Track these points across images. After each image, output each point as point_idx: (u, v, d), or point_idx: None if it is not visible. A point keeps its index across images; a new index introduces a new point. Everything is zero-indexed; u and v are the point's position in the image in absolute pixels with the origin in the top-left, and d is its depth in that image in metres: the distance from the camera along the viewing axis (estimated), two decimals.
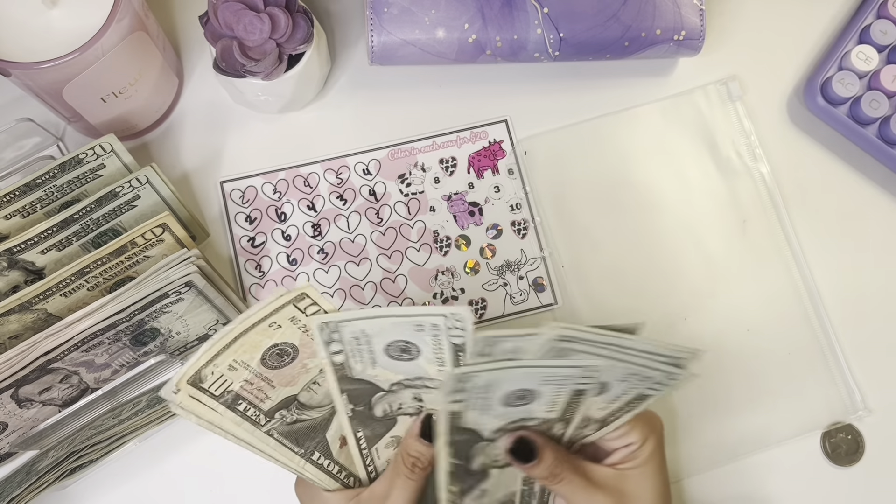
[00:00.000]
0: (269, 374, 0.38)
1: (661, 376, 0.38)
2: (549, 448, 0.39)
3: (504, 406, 0.38)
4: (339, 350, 0.37)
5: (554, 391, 0.38)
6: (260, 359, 0.37)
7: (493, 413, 0.38)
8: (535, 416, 0.40)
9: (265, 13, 0.47)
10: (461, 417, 0.37)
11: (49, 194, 0.46)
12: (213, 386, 0.36)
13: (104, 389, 0.47)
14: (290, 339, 0.37)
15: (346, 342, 0.37)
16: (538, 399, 0.38)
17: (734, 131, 0.57)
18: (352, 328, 0.36)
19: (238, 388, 0.37)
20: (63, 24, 0.45)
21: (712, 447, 0.51)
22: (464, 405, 0.37)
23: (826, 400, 0.52)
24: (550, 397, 0.38)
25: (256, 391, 0.38)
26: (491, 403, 0.37)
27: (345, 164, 0.55)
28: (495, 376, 0.36)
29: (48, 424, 0.46)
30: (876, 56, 0.56)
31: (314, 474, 0.41)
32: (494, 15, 0.52)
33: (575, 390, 0.38)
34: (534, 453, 0.39)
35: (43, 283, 0.43)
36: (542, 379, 0.37)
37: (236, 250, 0.54)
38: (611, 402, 0.40)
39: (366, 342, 0.37)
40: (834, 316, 0.54)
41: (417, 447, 0.40)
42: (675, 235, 0.55)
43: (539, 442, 0.39)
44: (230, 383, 0.36)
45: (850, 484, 0.52)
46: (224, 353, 0.36)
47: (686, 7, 0.53)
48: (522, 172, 0.56)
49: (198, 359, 0.35)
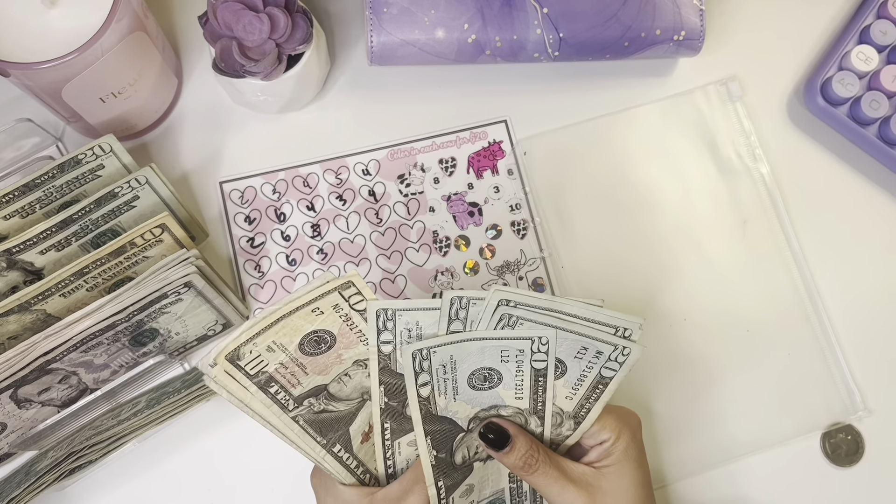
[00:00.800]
0: (305, 361, 0.38)
1: (612, 351, 0.39)
2: (523, 437, 0.41)
3: (471, 389, 0.39)
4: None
5: (514, 371, 0.39)
6: (298, 344, 0.37)
7: (462, 397, 0.39)
8: (506, 404, 0.41)
9: (264, 13, 0.47)
10: (431, 403, 0.38)
11: (48, 195, 0.46)
12: (249, 364, 0.36)
13: (103, 390, 0.47)
14: (330, 327, 0.38)
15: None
16: (503, 381, 0.39)
17: (734, 131, 0.57)
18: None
19: (273, 370, 0.37)
20: (62, 25, 0.45)
21: (712, 447, 0.51)
22: (430, 388, 0.38)
23: (826, 400, 0.52)
24: (513, 379, 0.40)
25: (289, 375, 0.38)
26: (457, 385, 0.39)
27: (344, 164, 0.55)
28: (452, 351, 0.37)
29: (47, 425, 0.46)
30: (876, 56, 0.56)
31: (332, 466, 0.41)
32: (494, 15, 0.52)
33: (535, 370, 0.39)
34: (507, 441, 0.40)
35: (42, 284, 0.43)
36: (498, 354, 0.38)
37: (235, 251, 0.54)
38: (575, 388, 0.41)
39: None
40: (834, 316, 0.54)
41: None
42: (674, 236, 0.55)
43: (512, 430, 0.41)
44: (266, 364, 0.37)
45: (850, 484, 0.52)
46: (265, 333, 0.36)
47: (686, 7, 0.53)
48: (522, 173, 0.56)
49: (239, 335, 0.36)
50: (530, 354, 0.39)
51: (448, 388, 0.39)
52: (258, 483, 0.50)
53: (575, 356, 0.39)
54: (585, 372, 0.40)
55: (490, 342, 0.38)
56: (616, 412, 0.43)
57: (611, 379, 0.40)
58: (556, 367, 0.40)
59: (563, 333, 0.38)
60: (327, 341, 0.38)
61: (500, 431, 0.40)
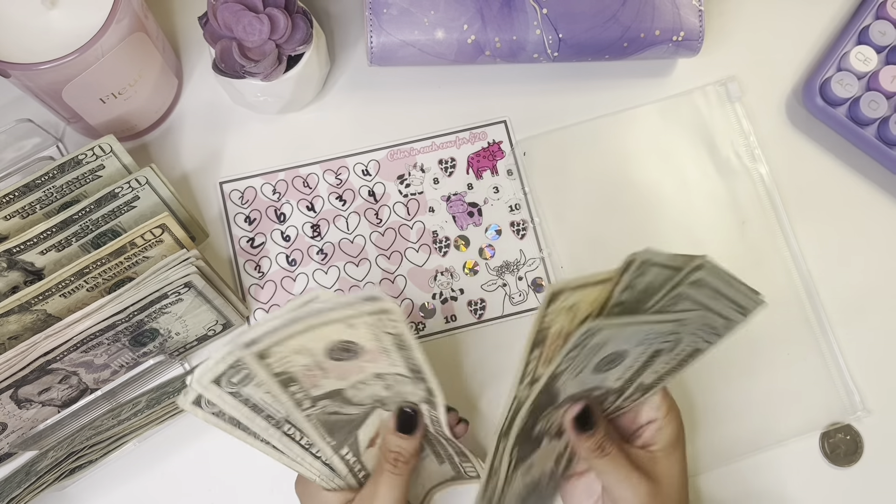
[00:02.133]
0: (328, 365, 0.38)
1: (723, 324, 0.39)
2: (603, 421, 0.41)
3: (593, 373, 0.39)
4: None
5: (641, 352, 0.39)
6: (326, 349, 0.37)
7: (581, 379, 0.39)
8: (604, 386, 0.41)
9: (264, 14, 0.47)
10: (556, 380, 0.38)
11: (48, 195, 0.46)
12: (275, 362, 0.36)
13: (103, 390, 0.47)
14: (361, 340, 0.37)
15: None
16: (623, 363, 0.39)
17: (733, 132, 0.57)
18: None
19: (296, 370, 0.37)
20: (63, 25, 0.45)
21: (711, 448, 0.51)
22: (569, 365, 0.37)
23: (825, 400, 0.52)
24: (632, 362, 0.39)
25: (311, 377, 0.38)
26: (587, 366, 0.38)
27: (344, 164, 0.56)
28: (613, 333, 0.36)
29: (47, 425, 0.46)
30: (875, 57, 0.56)
31: (320, 471, 0.41)
32: (493, 16, 0.52)
33: (656, 350, 0.39)
34: (591, 425, 0.41)
35: (42, 284, 0.43)
36: (643, 337, 0.37)
37: (235, 251, 0.54)
38: (668, 363, 0.40)
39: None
40: (833, 316, 0.54)
41: (396, 441, 0.40)
42: (674, 236, 0.55)
43: (598, 413, 0.41)
44: (290, 364, 0.37)
45: (848, 484, 0.52)
46: (298, 337, 0.36)
47: (685, 8, 0.53)
48: (521, 173, 0.56)
49: (273, 337, 0.35)
50: (665, 338, 0.38)
51: (578, 367, 0.38)
52: (258, 483, 0.50)
53: (692, 333, 0.39)
54: (689, 345, 0.40)
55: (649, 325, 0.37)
56: (669, 396, 0.43)
57: (702, 351, 0.40)
58: (675, 344, 0.39)
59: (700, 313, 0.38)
60: (354, 352, 0.38)
61: (589, 415, 0.41)
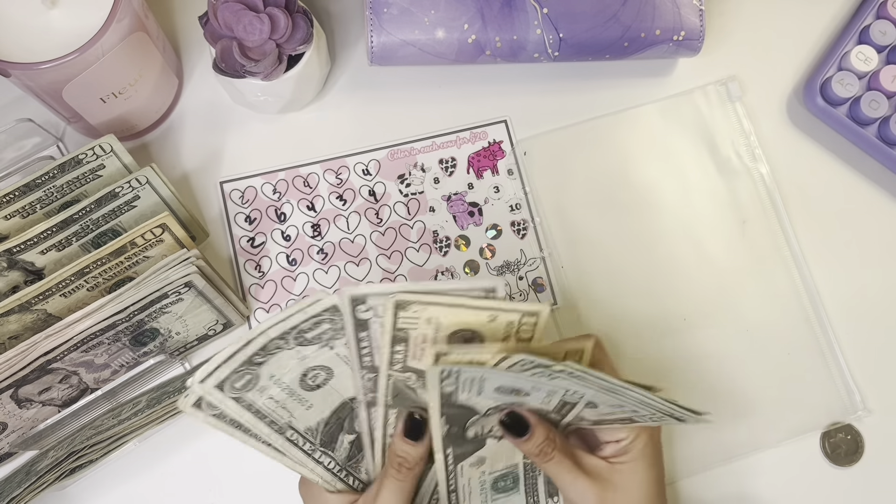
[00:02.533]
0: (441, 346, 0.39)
1: (655, 417, 0.39)
2: (542, 426, 0.41)
3: (498, 393, 0.39)
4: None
5: (543, 396, 0.39)
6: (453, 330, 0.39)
7: (487, 396, 0.39)
8: (530, 405, 0.41)
9: (265, 13, 0.47)
10: (453, 397, 0.38)
11: (49, 195, 0.46)
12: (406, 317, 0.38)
13: (104, 389, 0.47)
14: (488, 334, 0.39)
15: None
16: (529, 396, 0.39)
17: (734, 131, 0.57)
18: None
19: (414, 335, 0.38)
20: (63, 25, 0.45)
21: (712, 447, 0.51)
22: (454, 388, 0.38)
23: (825, 400, 0.52)
24: (542, 398, 0.39)
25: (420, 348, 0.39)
26: (483, 390, 0.38)
27: (344, 164, 0.55)
28: (482, 373, 0.37)
29: (48, 424, 0.46)
30: (875, 56, 0.56)
31: (322, 474, 0.41)
32: (494, 15, 0.52)
33: (563, 401, 0.39)
34: (526, 429, 0.40)
35: (43, 284, 0.43)
36: (530, 385, 0.38)
37: (236, 251, 0.54)
38: (601, 416, 0.41)
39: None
40: (833, 316, 0.54)
41: (403, 447, 0.40)
42: (674, 236, 0.55)
43: (532, 420, 0.41)
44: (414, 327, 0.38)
45: (849, 484, 0.52)
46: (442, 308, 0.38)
47: (685, 7, 0.53)
48: (522, 173, 0.56)
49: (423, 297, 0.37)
50: (563, 395, 0.39)
51: (472, 390, 0.39)
52: (258, 483, 0.50)
53: (610, 405, 0.39)
54: (617, 412, 0.40)
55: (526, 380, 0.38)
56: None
57: (639, 422, 0.40)
58: (591, 405, 0.39)
59: (608, 397, 0.38)
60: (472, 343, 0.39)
61: (520, 420, 0.41)
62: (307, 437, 0.40)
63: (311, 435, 0.41)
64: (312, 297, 0.37)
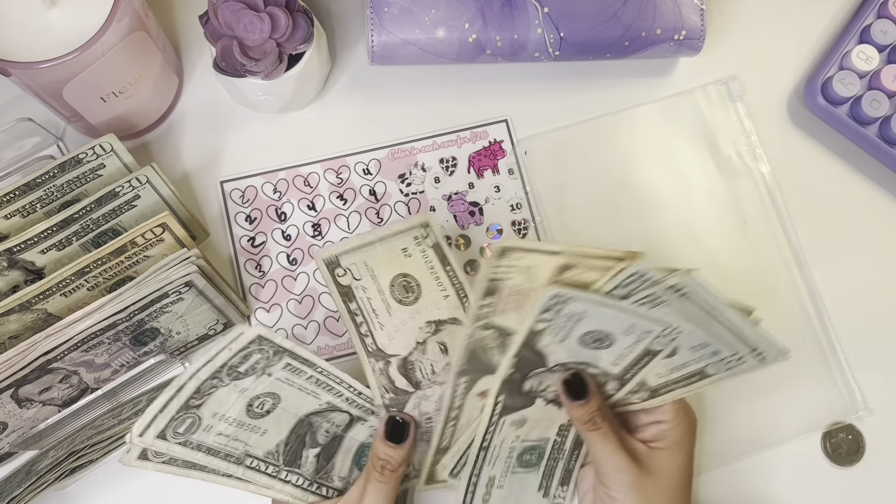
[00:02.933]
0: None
1: (733, 359, 0.39)
2: (597, 397, 0.42)
3: (579, 344, 0.39)
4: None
5: (630, 343, 0.39)
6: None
7: (567, 346, 0.39)
8: (599, 366, 0.41)
9: (265, 13, 0.47)
10: (537, 338, 0.38)
11: (49, 194, 0.46)
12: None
13: (104, 389, 0.47)
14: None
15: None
16: (612, 347, 0.40)
17: (734, 131, 0.57)
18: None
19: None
20: (63, 24, 0.45)
21: (712, 447, 0.51)
22: (546, 326, 0.38)
23: (826, 400, 0.52)
24: (623, 350, 0.40)
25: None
26: (570, 335, 0.39)
27: (345, 163, 0.55)
28: (588, 308, 0.37)
29: (48, 424, 0.46)
30: (876, 56, 0.56)
31: (292, 492, 0.42)
32: (495, 15, 0.52)
33: (647, 349, 0.40)
34: (583, 395, 0.41)
35: (43, 283, 0.43)
36: (626, 326, 0.38)
37: (236, 250, 0.54)
38: (671, 372, 0.41)
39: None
40: (834, 315, 0.54)
41: (385, 450, 0.40)
42: (675, 235, 0.55)
43: (592, 385, 0.41)
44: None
45: (850, 484, 0.52)
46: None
47: (686, 7, 0.53)
48: (522, 172, 0.56)
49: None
50: (655, 337, 0.39)
51: (560, 333, 0.39)
52: None
53: (692, 347, 0.39)
54: (692, 363, 0.40)
55: (627, 315, 0.38)
56: (682, 401, 0.44)
57: (710, 377, 0.41)
58: (671, 352, 0.40)
59: (696, 332, 0.38)
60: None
61: (582, 384, 0.41)
62: (269, 460, 0.40)
63: (273, 457, 0.41)
64: (234, 331, 0.36)
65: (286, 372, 0.39)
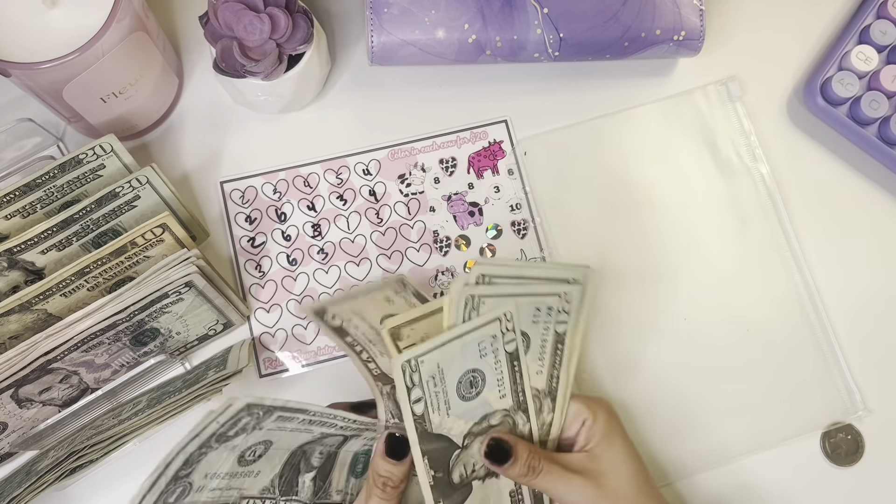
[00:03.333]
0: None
1: (558, 301, 0.41)
2: (522, 444, 0.41)
3: (461, 401, 0.40)
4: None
5: (493, 364, 0.40)
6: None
7: (455, 411, 0.39)
8: (493, 409, 0.41)
9: (265, 13, 0.47)
10: (426, 421, 0.38)
11: (49, 194, 0.46)
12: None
13: (104, 389, 0.47)
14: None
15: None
16: (487, 381, 0.40)
17: (734, 131, 0.57)
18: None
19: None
20: (63, 25, 0.45)
21: (712, 447, 0.51)
22: (423, 404, 0.38)
23: (826, 400, 0.52)
24: (495, 375, 0.40)
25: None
26: (448, 398, 0.39)
27: (345, 164, 0.55)
28: (438, 357, 0.37)
29: (48, 424, 0.46)
30: (876, 56, 0.56)
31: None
32: (494, 15, 0.52)
33: (509, 355, 0.40)
34: (508, 454, 0.41)
35: (43, 284, 0.43)
36: (476, 349, 0.39)
37: (236, 250, 0.54)
38: (541, 357, 0.42)
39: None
40: (834, 316, 0.54)
41: (385, 466, 0.40)
42: (674, 235, 0.55)
43: (511, 440, 0.41)
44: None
45: (849, 484, 0.52)
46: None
47: (686, 7, 0.53)
48: (522, 173, 0.56)
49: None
50: (501, 337, 0.40)
51: (440, 403, 0.39)
52: None
53: (532, 321, 0.41)
54: (545, 335, 0.41)
55: (467, 336, 0.39)
56: (583, 397, 0.45)
57: (565, 334, 0.42)
58: (523, 340, 0.41)
59: (520, 301, 0.40)
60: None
61: (500, 445, 0.41)
62: (265, 495, 0.40)
63: (269, 492, 0.40)
64: (223, 403, 0.35)
65: (278, 422, 0.38)
